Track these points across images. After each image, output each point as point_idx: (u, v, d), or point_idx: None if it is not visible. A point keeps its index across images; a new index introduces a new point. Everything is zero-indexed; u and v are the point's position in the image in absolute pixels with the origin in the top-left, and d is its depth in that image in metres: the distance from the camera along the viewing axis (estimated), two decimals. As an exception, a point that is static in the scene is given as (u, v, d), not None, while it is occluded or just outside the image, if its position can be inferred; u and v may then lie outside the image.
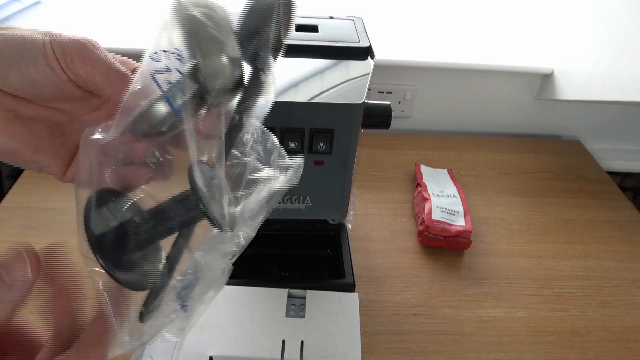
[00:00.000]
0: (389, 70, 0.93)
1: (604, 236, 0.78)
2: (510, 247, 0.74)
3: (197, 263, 0.28)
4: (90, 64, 0.26)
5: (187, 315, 0.28)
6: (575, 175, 0.92)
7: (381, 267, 0.69)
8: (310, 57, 0.51)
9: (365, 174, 0.87)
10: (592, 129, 1.06)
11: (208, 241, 0.28)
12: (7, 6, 0.84)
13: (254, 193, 0.28)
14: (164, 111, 0.25)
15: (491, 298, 0.65)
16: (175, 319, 0.28)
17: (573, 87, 0.89)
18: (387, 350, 0.58)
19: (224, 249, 0.28)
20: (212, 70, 0.24)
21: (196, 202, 0.25)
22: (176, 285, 0.28)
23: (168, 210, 0.27)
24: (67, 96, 0.28)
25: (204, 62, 0.24)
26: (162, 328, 0.28)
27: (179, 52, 0.25)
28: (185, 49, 0.24)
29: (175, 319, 0.28)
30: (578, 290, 0.68)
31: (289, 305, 0.55)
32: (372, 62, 0.52)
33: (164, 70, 0.25)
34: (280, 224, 0.65)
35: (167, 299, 0.28)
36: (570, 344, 0.60)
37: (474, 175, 0.89)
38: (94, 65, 0.26)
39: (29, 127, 0.28)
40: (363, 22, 0.58)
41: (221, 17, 0.25)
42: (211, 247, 0.28)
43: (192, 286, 0.28)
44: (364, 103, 0.47)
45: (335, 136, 0.49)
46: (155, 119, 0.25)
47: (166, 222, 0.27)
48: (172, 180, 0.28)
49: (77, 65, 0.26)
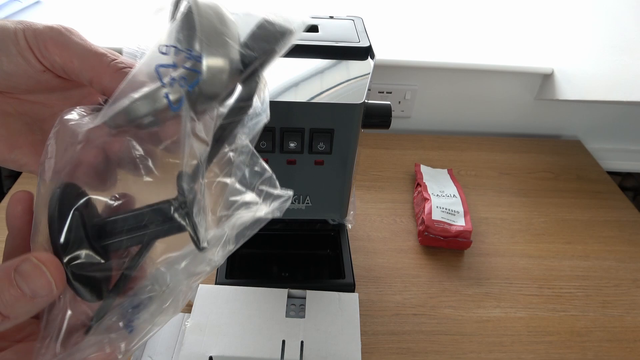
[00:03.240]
0: (389, 70, 0.93)
1: (604, 236, 0.78)
2: (510, 247, 0.74)
3: (156, 280, 0.25)
4: (65, 49, 0.25)
5: (131, 337, 0.25)
6: (575, 175, 0.92)
7: (381, 267, 0.69)
8: (310, 57, 0.51)
9: (365, 174, 0.87)
10: (592, 129, 1.06)
11: (173, 259, 0.26)
12: (6, 6, 0.84)
13: (233, 217, 0.26)
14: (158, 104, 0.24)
15: (491, 298, 0.65)
16: (117, 340, 0.25)
17: (573, 87, 0.89)
18: (387, 350, 0.58)
19: (191, 270, 0.26)
20: (214, 73, 0.24)
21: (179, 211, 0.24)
22: (123, 303, 0.25)
23: (144, 217, 0.25)
24: (45, 87, 0.27)
25: (208, 63, 0.23)
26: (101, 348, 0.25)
27: (190, 51, 0.24)
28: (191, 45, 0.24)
29: (117, 340, 0.25)
30: (578, 290, 0.68)
31: (289, 305, 0.55)
32: (372, 62, 0.52)
33: (169, 66, 0.24)
34: (280, 224, 0.65)
35: (112, 315, 0.25)
36: (570, 344, 0.60)
37: (474, 175, 0.89)
38: (70, 50, 0.25)
39: (5, 123, 0.27)
40: (363, 22, 0.58)
41: (231, 26, 0.24)
42: (176, 266, 0.26)
43: (143, 306, 0.25)
44: (364, 103, 0.47)
45: (335, 136, 0.49)
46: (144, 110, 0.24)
47: (139, 229, 0.25)
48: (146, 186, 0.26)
49: (52, 52, 0.25)
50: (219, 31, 0.24)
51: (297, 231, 0.66)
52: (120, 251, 0.25)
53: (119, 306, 0.25)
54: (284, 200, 0.27)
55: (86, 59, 0.25)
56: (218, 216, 0.26)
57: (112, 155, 0.26)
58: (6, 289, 0.21)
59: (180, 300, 0.26)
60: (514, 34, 0.98)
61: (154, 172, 0.25)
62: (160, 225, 0.25)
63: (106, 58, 0.25)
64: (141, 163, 0.25)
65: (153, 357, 0.53)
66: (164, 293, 0.26)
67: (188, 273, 0.26)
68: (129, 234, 0.25)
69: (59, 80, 0.26)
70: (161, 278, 0.25)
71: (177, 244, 0.25)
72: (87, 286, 0.24)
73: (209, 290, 0.55)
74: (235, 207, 0.26)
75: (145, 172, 0.25)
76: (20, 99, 0.27)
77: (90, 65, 0.25)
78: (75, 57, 0.25)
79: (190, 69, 0.23)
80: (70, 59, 0.25)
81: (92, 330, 0.25)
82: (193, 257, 0.25)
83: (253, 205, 0.26)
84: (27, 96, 0.27)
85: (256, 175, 0.27)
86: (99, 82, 0.25)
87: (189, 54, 0.23)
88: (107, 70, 0.25)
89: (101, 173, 0.26)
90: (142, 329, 0.25)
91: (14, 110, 0.27)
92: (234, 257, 0.63)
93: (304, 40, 0.52)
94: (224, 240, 0.26)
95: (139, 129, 0.25)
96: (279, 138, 0.48)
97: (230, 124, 0.26)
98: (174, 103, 0.24)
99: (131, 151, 0.25)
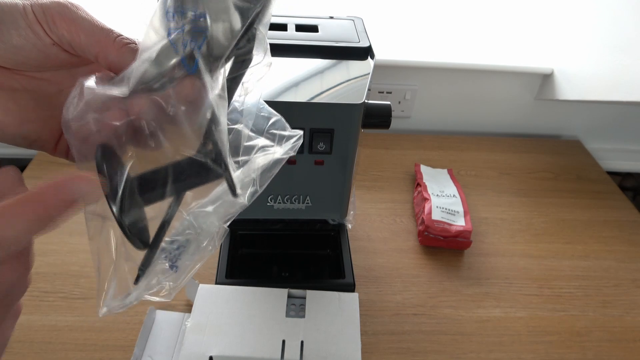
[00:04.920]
0: (389, 70, 0.93)
1: (604, 236, 0.78)
2: (510, 247, 0.74)
3: (191, 224, 0.28)
4: (72, 24, 0.25)
5: (176, 275, 0.28)
6: (575, 175, 0.92)
7: (381, 267, 0.69)
8: (310, 57, 0.51)
9: (365, 174, 0.87)
10: (592, 129, 1.06)
11: (204, 203, 0.28)
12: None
13: (251, 161, 0.27)
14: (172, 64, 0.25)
15: (491, 298, 0.65)
16: (164, 280, 0.28)
17: (573, 87, 0.89)
18: (387, 350, 0.58)
19: (221, 211, 0.28)
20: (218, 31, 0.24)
21: (217, 161, 0.25)
22: (167, 246, 0.28)
23: (183, 168, 0.26)
24: (52, 62, 0.27)
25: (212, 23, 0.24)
26: (150, 289, 0.28)
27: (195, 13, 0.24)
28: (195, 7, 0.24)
29: (164, 280, 0.28)
30: (578, 290, 0.68)
31: (289, 305, 0.55)
32: (372, 62, 0.52)
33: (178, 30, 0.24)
34: (280, 224, 0.65)
35: (158, 258, 0.28)
36: (570, 344, 0.60)
37: (474, 175, 0.89)
38: (76, 24, 0.25)
39: (13, 98, 0.27)
40: (363, 22, 0.58)
41: None
42: (208, 209, 0.28)
43: (183, 247, 0.28)
44: (364, 103, 0.47)
45: (335, 136, 0.49)
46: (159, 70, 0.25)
47: (178, 181, 0.26)
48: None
49: (60, 26, 0.25)
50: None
51: (297, 231, 0.66)
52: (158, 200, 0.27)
53: (162, 250, 0.27)
54: (296, 139, 0.29)
55: (92, 34, 0.25)
56: (239, 160, 0.27)
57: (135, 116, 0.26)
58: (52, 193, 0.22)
59: (216, 240, 0.28)
60: (514, 34, 0.98)
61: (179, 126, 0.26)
62: (198, 176, 0.26)
63: (112, 33, 0.26)
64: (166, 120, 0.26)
65: (153, 357, 0.53)
66: (200, 235, 0.28)
67: (219, 215, 0.28)
68: (169, 186, 0.26)
69: (66, 55, 0.27)
70: (195, 222, 0.28)
71: (205, 190, 0.27)
72: (137, 237, 0.26)
73: (209, 290, 0.55)
74: (253, 152, 0.28)
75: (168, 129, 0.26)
76: (28, 76, 0.27)
77: (96, 40, 0.26)
78: (82, 32, 0.25)
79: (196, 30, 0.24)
80: (77, 34, 0.25)
81: (141, 279, 0.27)
82: (223, 201, 0.27)
83: (269, 148, 0.28)
84: (34, 73, 0.28)
85: (265, 120, 0.29)
86: (105, 58, 0.26)
87: (194, 16, 0.24)
88: (113, 45, 0.26)
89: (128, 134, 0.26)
90: (185, 267, 0.28)
91: (22, 87, 0.27)
92: (234, 257, 0.63)
93: (304, 41, 0.52)
94: (251, 183, 0.27)
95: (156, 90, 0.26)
96: (279, 138, 0.48)
97: (235, 78, 0.27)
98: (190, 65, 0.25)
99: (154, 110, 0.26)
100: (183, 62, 0.25)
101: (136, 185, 0.26)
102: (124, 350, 0.55)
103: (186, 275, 0.28)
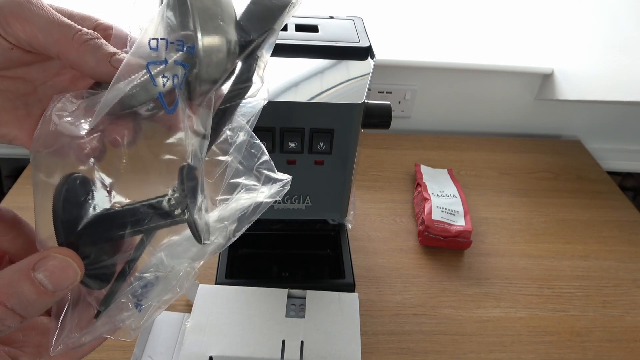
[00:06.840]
0: (389, 70, 0.93)
1: (604, 236, 0.78)
2: (510, 247, 0.74)
3: (160, 263, 0.27)
4: (27, 22, 0.23)
5: (139, 315, 0.27)
6: (575, 175, 0.92)
7: (381, 267, 0.69)
8: (310, 57, 0.51)
9: (365, 174, 0.87)
10: (592, 129, 1.06)
11: (175, 244, 0.27)
12: None
13: (233, 201, 0.26)
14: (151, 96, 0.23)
15: (491, 298, 0.65)
16: (127, 319, 0.27)
17: (573, 87, 0.89)
18: (387, 350, 0.58)
19: (192, 254, 0.27)
20: (210, 53, 0.23)
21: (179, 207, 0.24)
22: (133, 284, 0.26)
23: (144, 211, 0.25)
24: (18, 63, 0.25)
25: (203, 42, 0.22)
26: (114, 326, 0.27)
27: (180, 42, 0.22)
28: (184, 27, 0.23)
29: (127, 319, 0.27)
30: (578, 290, 0.68)
31: (289, 305, 0.55)
32: (372, 62, 0.51)
33: (161, 62, 0.23)
34: (280, 224, 0.65)
35: (123, 296, 0.26)
36: (570, 344, 0.60)
37: (474, 175, 0.89)
38: (32, 23, 0.23)
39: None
40: (363, 22, 0.58)
41: (225, 5, 0.24)
42: (178, 251, 0.27)
43: (150, 286, 0.27)
44: (364, 103, 0.47)
45: (335, 136, 0.49)
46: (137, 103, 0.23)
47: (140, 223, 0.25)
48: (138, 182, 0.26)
49: (15, 27, 0.23)
50: (213, 13, 0.23)
51: (297, 231, 0.66)
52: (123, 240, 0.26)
53: (129, 288, 0.26)
54: (283, 184, 0.27)
55: (49, 33, 0.24)
56: (219, 199, 0.26)
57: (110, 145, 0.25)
58: (27, 287, 0.22)
59: (185, 281, 0.27)
60: (514, 34, 0.98)
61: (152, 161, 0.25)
62: (161, 219, 0.25)
63: (70, 30, 0.24)
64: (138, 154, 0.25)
65: (153, 357, 0.53)
66: (169, 274, 0.27)
67: (189, 257, 0.27)
68: (131, 227, 0.25)
69: (31, 54, 0.25)
70: (164, 261, 0.27)
71: (178, 228, 0.26)
72: (94, 278, 0.25)
73: (209, 290, 0.55)
74: (236, 191, 0.26)
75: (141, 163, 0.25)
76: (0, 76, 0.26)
77: (55, 39, 0.24)
78: (38, 31, 0.23)
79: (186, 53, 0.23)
80: (34, 34, 0.23)
81: (101, 315, 0.26)
82: (191, 244, 0.26)
83: (253, 189, 0.27)
84: (4, 72, 0.26)
85: (251, 156, 0.27)
86: (66, 57, 0.24)
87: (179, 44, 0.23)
88: (71, 44, 0.24)
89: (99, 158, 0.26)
90: (149, 307, 0.27)
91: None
92: (234, 257, 0.63)
93: (304, 40, 0.52)
94: (224, 225, 0.26)
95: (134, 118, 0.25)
96: (279, 138, 0.48)
97: (230, 107, 0.26)
98: (169, 105, 0.23)
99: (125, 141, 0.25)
100: (160, 99, 0.23)
101: (96, 224, 0.25)
102: (124, 351, 0.55)
103: (150, 316, 0.27)
